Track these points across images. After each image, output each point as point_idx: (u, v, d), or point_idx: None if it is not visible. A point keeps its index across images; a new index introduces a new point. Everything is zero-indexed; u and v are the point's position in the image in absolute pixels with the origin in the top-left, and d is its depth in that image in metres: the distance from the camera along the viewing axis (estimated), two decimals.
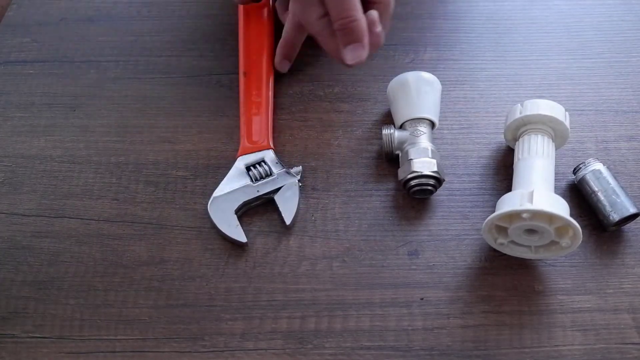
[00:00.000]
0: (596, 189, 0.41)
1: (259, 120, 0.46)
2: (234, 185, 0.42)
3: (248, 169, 0.43)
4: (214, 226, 0.41)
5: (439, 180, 0.41)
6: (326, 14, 0.41)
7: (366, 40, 0.41)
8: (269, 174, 0.43)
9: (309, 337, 0.38)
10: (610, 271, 0.40)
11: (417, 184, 0.41)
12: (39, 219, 0.43)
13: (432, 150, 0.42)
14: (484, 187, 0.44)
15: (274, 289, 0.40)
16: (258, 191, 0.42)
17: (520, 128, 0.42)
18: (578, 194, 0.43)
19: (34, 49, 0.53)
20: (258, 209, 0.43)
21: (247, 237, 0.41)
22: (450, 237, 0.41)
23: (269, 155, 0.44)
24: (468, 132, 0.47)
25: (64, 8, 0.56)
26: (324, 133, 0.47)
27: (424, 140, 0.42)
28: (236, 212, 0.41)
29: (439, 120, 0.45)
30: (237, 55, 0.50)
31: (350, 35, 0.41)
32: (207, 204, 0.42)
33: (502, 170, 0.44)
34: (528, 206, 0.35)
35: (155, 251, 0.41)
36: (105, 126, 0.48)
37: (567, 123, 0.41)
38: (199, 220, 0.42)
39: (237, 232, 0.41)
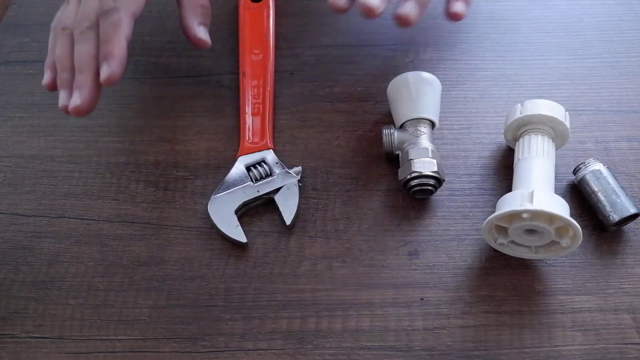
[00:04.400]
0: (596, 189, 0.41)
1: (259, 121, 0.46)
2: (234, 185, 0.42)
3: (248, 169, 0.43)
4: (214, 226, 0.41)
5: (439, 181, 0.41)
6: None
7: None
8: (269, 174, 0.43)
9: (309, 337, 0.38)
10: (611, 271, 0.40)
11: (418, 184, 0.41)
12: (38, 219, 0.43)
13: (432, 151, 0.42)
14: (484, 187, 0.44)
15: (274, 289, 0.40)
16: (258, 191, 0.42)
17: (520, 128, 0.42)
18: (578, 194, 0.43)
19: (34, 49, 0.53)
20: (258, 209, 0.43)
21: (247, 237, 0.41)
22: (450, 237, 0.41)
23: (269, 156, 0.44)
24: (468, 132, 0.47)
25: None
26: (324, 133, 0.47)
27: (424, 141, 0.42)
28: (236, 212, 0.41)
29: (439, 120, 0.45)
30: (237, 56, 0.50)
31: None
32: (207, 204, 0.42)
33: (502, 171, 0.44)
34: (528, 206, 0.35)
35: (155, 251, 0.41)
36: (105, 126, 0.48)
37: (567, 123, 0.41)
38: (199, 221, 0.42)
39: (237, 232, 0.41)
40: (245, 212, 0.43)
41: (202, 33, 0.43)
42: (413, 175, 0.41)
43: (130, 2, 0.39)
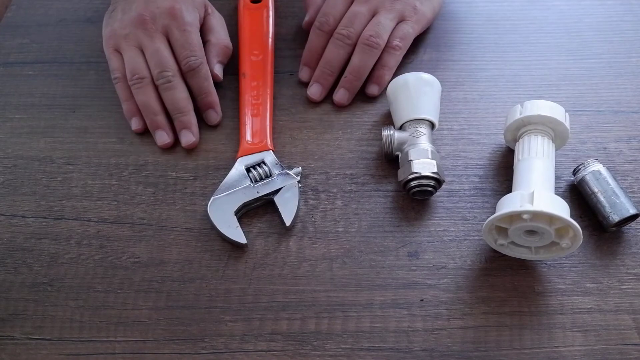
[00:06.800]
0: (596, 189, 0.41)
1: (258, 122, 0.46)
2: (234, 186, 0.42)
3: (248, 170, 0.43)
4: (213, 227, 0.41)
5: (438, 181, 0.41)
6: None
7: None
8: (268, 175, 0.43)
9: (309, 338, 0.38)
10: (611, 272, 0.40)
11: (417, 185, 0.41)
12: (38, 220, 0.43)
13: (432, 151, 0.42)
14: (484, 188, 0.44)
15: (273, 290, 0.40)
16: (258, 192, 0.42)
17: (520, 129, 0.42)
18: (578, 195, 0.43)
19: (33, 50, 0.53)
20: (258, 210, 0.43)
21: (246, 238, 0.41)
22: (450, 238, 0.41)
23: (269, 157, 0.44)
24: (468, 133, 0.47)
25: (63, 9, 0.56)
26: (323, 134, 0.47)
27: (424, 141, 0.42)
28: (236, 213, 0.41)
29: (439, 121, 0.45)
30: (236, 57, 0.50)
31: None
32: (206, 205, 0.42)
33: (502, 171, 0.44)
34: (528, 207, 0.35)
35: (155, 253, 0.41)
36: (104, 127, 0.48)
37: (567, 124, 0.41)
38: (199, 222, 0.42)
39: (237, 234, 0.41)
40: (245, 213, 0.43)
41: (217, 69, 0.49)
42: (413, 176, 0.41)
43: (203, 52, 0.47)
